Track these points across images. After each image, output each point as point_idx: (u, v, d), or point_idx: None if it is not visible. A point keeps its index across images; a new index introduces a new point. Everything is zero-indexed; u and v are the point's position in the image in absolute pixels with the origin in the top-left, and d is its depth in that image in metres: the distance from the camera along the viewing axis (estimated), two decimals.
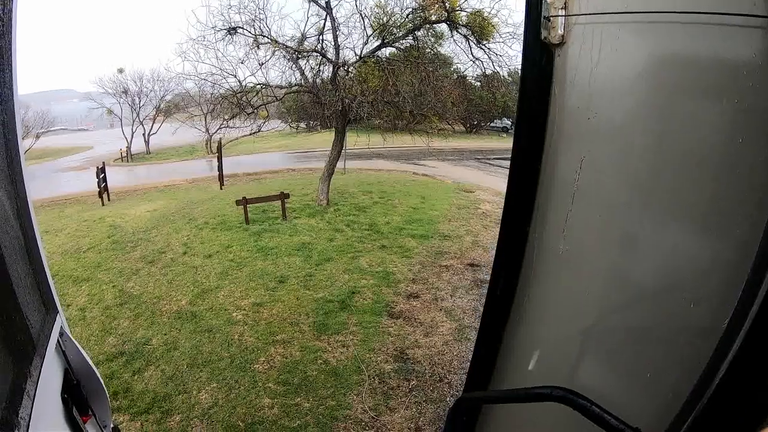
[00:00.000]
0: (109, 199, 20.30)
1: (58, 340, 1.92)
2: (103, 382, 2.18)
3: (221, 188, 20.49)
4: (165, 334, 7.49)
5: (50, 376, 1.71)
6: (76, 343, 2.06)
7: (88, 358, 2.10)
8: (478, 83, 17.41)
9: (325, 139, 18.32)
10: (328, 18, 13.10)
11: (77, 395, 1.97)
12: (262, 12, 12.79)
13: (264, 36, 12.91)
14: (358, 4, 12.83)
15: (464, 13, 12.57)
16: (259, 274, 9.59)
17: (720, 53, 1.42)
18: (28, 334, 1.63)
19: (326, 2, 12.91)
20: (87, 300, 9.05)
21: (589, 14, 1.69)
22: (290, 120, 18.09)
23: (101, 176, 20.07)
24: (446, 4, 12.27)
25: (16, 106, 1.77)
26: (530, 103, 1.97)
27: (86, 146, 51.35)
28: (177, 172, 27.97)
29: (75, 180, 27.95)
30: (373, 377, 6.09)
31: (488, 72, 13.68)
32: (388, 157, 26.06)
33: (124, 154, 40.08)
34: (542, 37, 1.80)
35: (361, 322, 7.40)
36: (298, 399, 5.73)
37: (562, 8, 1.74)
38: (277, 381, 6.07)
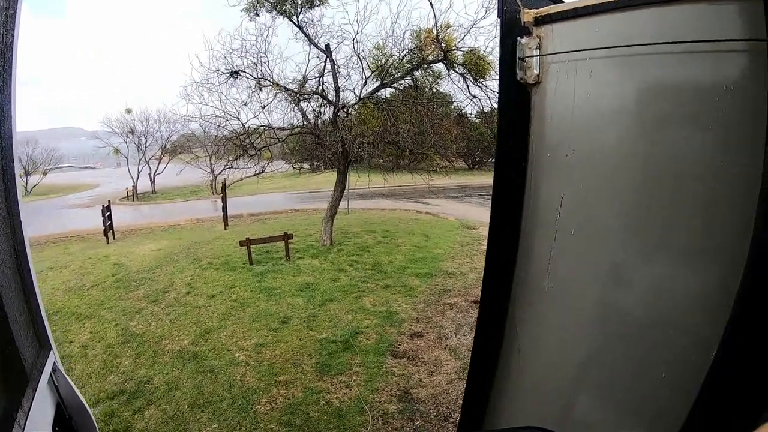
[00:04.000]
0: (114, 238, 20.36)
1: (51, 376, 1.97)
2: (93, 419, 2.20)
3: (225, 228, 20.56)
4: (167, 374, 7.44)
5: (42, 409, 1.76)
6: (68, 379, 2.10)
7: (79, 394, 2.14)
8: (478, 120, 17.55)
9: (328, 179, 18.42)
10: (327, 60, 13.35)
11: (68, 429, 2.04)
12: (264, 55, 13.08)
13: (266, 79, 13.16)
14: (356, 47, 13.08)
15: (460, 53, 12.81)
16: (262, 315, 9.56)
17: (693, 81, 1.47)
18: (21, 368, 1.69)
19: (326, 45, 13.20)
20: (89, 337, 9.05)
21: (563, 53, 1.74)
22: (293, 161, 18.24)
23: (107, 214, 20.20)
24: (442, 44, 12.48)
25: (14, 152, 1.83)
26: (509, 143, 2.02)
27: (93, 184, 51.90)
28: (182, 212, 28.06)
29: (81, 217, 28.12)
30: (377, 418, 6.01)
31: (486, 109, 13.86)
32: (391, 197, 26.12)
33: (130, 193, 40.41)
34: (518, 78, 1.86)
35: (364, 362, 7.34)
36: None
37: (536, 48, 1.80)
38: (279, 422, 6.00)
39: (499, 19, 1.92)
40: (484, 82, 13.12)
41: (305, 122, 14.08)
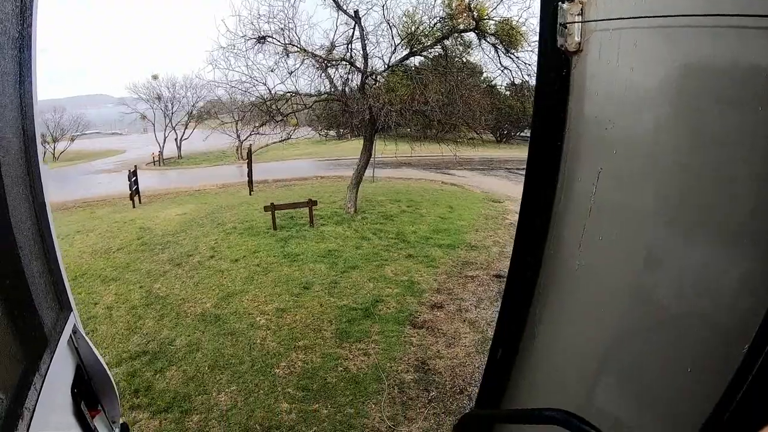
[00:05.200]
0: (140, 202, 20.72)
1: (70, 337, 1.98)
2: (113, 380, 2.23)
3: (250, 194, 20.72)
4: (188, 336, 7.57)
5: (60, 371, 1.77)
6: (88, 340, 2.13)
7: (99, 356, 2.16)
8: (508, 92, 17.25)
9: (354, 147, 18.36)
10: (356, 27, 13.15)
11: (87, 391, 2.06)
12: (291, 21, 12.93)
13: (293, 45, 13.05)
14: (386, 13, 12.87)
15: (492, 22, 12.53)
16: (284, 280, 9.65)
17: (746, 58, 1.36)
18: (41, 330, 1.71)
19: (355, 11, 12.98)
20: (114, 299, 9.23)
21: (607, 20, 1.63)
22: (320, 127, 18.21)
23: (133, 179, 20.52)
24: (474, 13, 12.21)
25: (35, 115, 1.83)
26: (546, 113, 1.92)
27: (119, 150, 52.83)
28: (207, 177, 28.40)
29: (107, 182, 28.76)
30: (393, 387, 6.04)
31: (517, 81, 13.59)
32: (417, 166, 26.02)
33: (156, 159, 41.07)
34: (558, 45, 1.75)
35: (383, 331, 7.36)
36: (317, 405, 5.70)
37: (578, 14, 1.68)
38: (296, 386, 6.07)
39: None
40: (516, 54, 12.83)
41: (332, 89, 13.96)
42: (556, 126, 1.88)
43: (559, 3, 1.71)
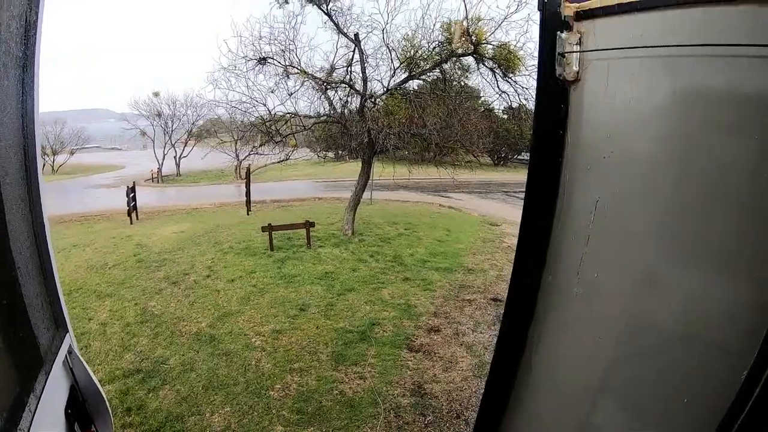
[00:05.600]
0: (137, 218, 20.75)
1: (66, 358, 1.99)
2: (107, 401, 2.23)
3: (248, 214, 20.70)
4: (183, 355, 7.51)
5: (54, 392, 1.79)
6: (83, 361, 2.13)
7: (94, 377, 2.16)
8: (505, 116, 17.38)
9: (353, 168, 18.44)
10: (356, 50, 13.28)
11: (81, 411, 2.05)
12: (292, 43, 13.03)
13: (293, 66, 13.14)
14: (385, 37, 12.98)
15: (490, 47, 12.61)
16: (280, 301, 9.60)
17: (741, 86, 1.39)
18: (37, 350, 1.71)
19: (355, 35, 13.11)
20: (108, 315, 9.18)
21: (605, 50, 1.66)
22: (318, 149, 18.30)
23: (131, 195, 20.59)
24: (472, 38, 12.33)
25: (36, 134, 1.87)
26: (545, 141, 1.94)
27: (119, 165, 53.17)
28: (205, 196, 28.50)
29: (106, 197, 28.85)
30: (389, 411, 5.98)
31: (514, 105, 13.68)
32: (415, 189, 26.10)
33: (155, 175, 41.34)
34: (557, 74, 1.78)
35: (379, 354, 7.32)
36: (311, 429, 5.64)
37: (576, 44, 1.72)
38: (291, 409, 6.01)
39: (539, 12, 1.85)
40: (513, 78, 12.93)
41: (332, 111, 14.07)
42: (554, 154, 1.90)
43: (558, 33, 1.74)
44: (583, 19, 1.71)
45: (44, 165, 51.30)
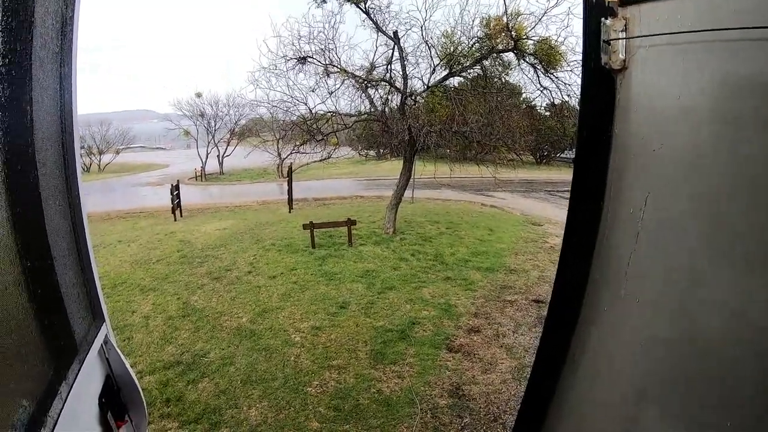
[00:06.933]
0: (181, 215, 21.26)
1: (101, 347, 2.01)
2: (142, 391, 2.23)
3: (290, 211, 20.94)
4: (223, 349, 7.63)
5: (88, 381, 1.80)
6: (119, 352, 2.14)
7: (129, 367, 2.17)
8: (548, 113, 17.02)
9: (394, 167, 18.42)
10: (395, 48, 13.27)
11: (115, 401, 2.06)
12: (331, 42, 13.16)
13: (333, 65, 13.25)
14: (424, 34, 12.93)
15: (531, 42, 12.43)
16: (320, 298, 9.65)
17: None
18: (72, 339, 1.74)
19: (394, 32, 13.10)
20: (151, 309, 9.43)
21: (653, 35, 1.55)
22: (359, 147, 18.34)
23: (175, 193, 21.11)
24: (512, 33, 12.14)
25: (75, 127, 1.89)
26: (591, 133, 1.84)
27: (163, 164, 54.88)
28: (248, 194, 28.96)
29: (151, 195, 29.80)
30: (426, 411, 5.90)
31: (556, 101, 13.39)
32: (456, 188, 25.88)
33: (198, 174, 42.39)
34: (602, 63, 1.67)
35: (418, 354, 7.25)
36: (347, 426, 5.62)
37: (622, 30, 1.61)
38: (328, 406, 6.01)
39: None
40: (555, 73, 12.67)
41: (372, 109, 14.10)
42: (601, 147, 1.80)
43: (602, 19, 1.64)
44: (628, 3, 1.61)
45: (91, 164, 53.93)
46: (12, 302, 1.39)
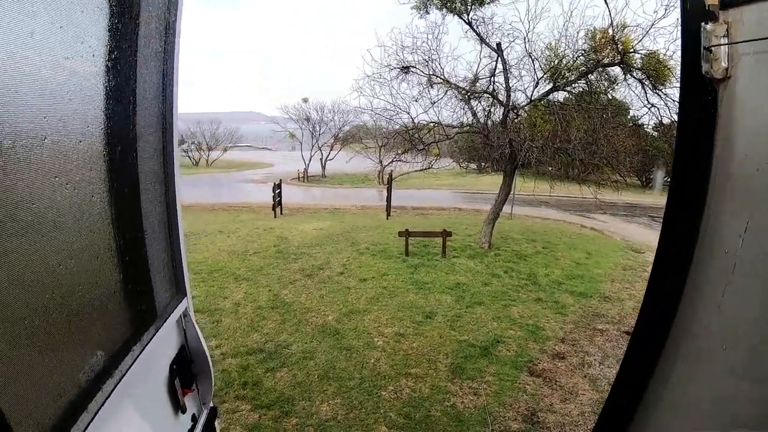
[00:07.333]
0: (281, 213, 22.08)
1: (180, 319, 2.24)
2: (211, 366, 2.44)
3: (387, 218, 21.13)
4: (305, 343, 7.86)
5: (162, 346, 2.03)
6: (196, 326, 2.36)
7: (203, 342, 2.39)
8: (655, 132, 16.01)
9: (495, 181, 18.14)
10: (499, 60, 13.07)
11: (186, 369, 2.25)
12: (435, 53, 13.23)
13: (437, 76, 13.28)
14: (528, 46, 12.66)
15: (638, 56, 11.78)
16: (408, 306, 9.66)
17: None
18: (153, 307, 1.97)
19: (497, 44, 12.92)
20: (243, 297, 9.92)
21: (758, 40, 1.38)
22: (460, 159, 18.19)
23: (277, 191, 21.93)
24: (619, 46, 11.59)
25: (174, 119, 2.12)
26: (689, 150, 1.68)
27: (268, 163, 57.95)
28: (348, 197, 29.63)
29: (254, 191, 31.32)
30: None
31: (665, 120, 12.56)
32: (555, 206, 25.11)
33: (301, 175, 44.22)
34: (703, 71, 1.51)
35: (498, 373, 7.04)
36: None
37: (724, 36, 1.45)
38: (399, 412, 5.98)
39: (680, 2, 1.60)
40: (663, 90, 11.91)
41: (474, 121, 13.97)
42: (700, 165, 1.64)
43: (702, 24, 1.48)
44: (730, 6, 1.44)
45: (200, 158, 57.85)
46: (104, 267, 1.62)
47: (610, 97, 13.60)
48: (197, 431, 2.32)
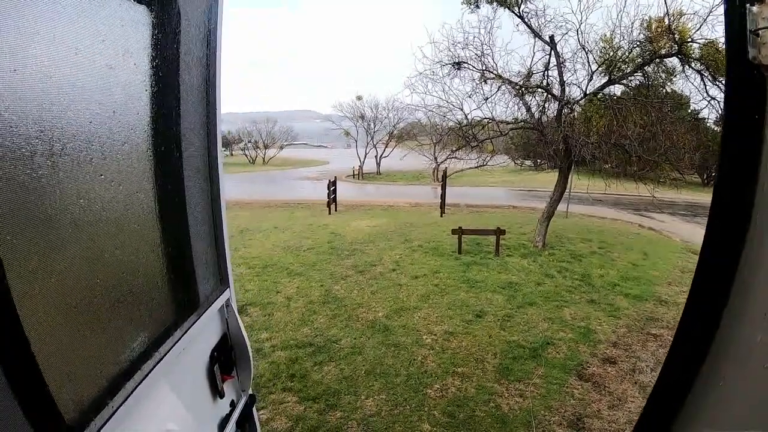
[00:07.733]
0: (335, 210, 22.41)
1: (222, 308, 2.36)
2: (251, 355, 2.55)
3: (441, 215, 21.12)
4: (354, 339, 7.96)
5: (203, 333, 2.15)
6: (237, 316, 2.48)
7: (244, 332, 2.50)
8: (716, 127, 15.15)
9: (550, 179, 17.78)
10: (552, 53, 12.77)
11: (226, 357, 2.38)
12: (487, 47, 13.00)
13: (490, 71, 13.07)
14: (581, 38, 12.27)
15: (696, 45, 11.17)
16: (459, 305, 9.64)
17: None
18: (196, 296, 2.11)
19: (550, 37, 12.60)
20: (295, 292, 10.14)
21: None
22: (516, 156, 17.91)
23: (331, 188, 22.30)
24: (676, 36, 11.06)
25: (218, 119, 2.25)
26: (735, 143, 1.58)
27: (323, 161, 58.95)
28: (402, 195, 29.75)
29: (309, 188, 31.99)
30: None
31: None
32: (612, 205, 24.45)
33: (356, 172, 44.77)
34: (750, 57, 1.41)
35: (546, 376, 6.91)
36: None
37: None
38: (443, 411, 5.96)
39: None
40: (724, 82, 11.31)
41: (529, 117, 13.71)
42: (747, 160, 1.53)
43: (748, 5, 1.38)
44: None
45: (256, 157, 59.77)
46: (149, 258, 1.75)
47: (669, 90, 13.00)
48: (235, 416, 2.40)
